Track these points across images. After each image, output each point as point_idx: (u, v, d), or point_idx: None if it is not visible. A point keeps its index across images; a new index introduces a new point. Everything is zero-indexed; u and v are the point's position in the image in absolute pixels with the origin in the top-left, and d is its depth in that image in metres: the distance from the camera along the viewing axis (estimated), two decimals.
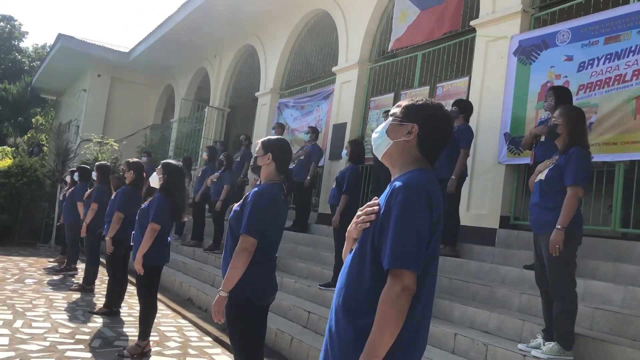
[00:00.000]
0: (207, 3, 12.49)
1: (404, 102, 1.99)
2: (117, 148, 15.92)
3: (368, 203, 1.87)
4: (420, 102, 1.95)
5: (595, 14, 5.87)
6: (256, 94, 13.13)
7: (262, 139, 3.33)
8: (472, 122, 6.40)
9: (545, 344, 3.83)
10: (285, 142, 3.40)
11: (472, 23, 7.34)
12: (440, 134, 1.94)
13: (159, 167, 5.01)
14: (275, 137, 3.42)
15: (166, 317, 6.64)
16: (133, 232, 5.03)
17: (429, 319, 1.86)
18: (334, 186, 6.81)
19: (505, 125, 6.57)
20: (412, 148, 1.91)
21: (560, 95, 5.03)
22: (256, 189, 3.14)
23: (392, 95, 8.78)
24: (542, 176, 4.04)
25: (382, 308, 1.68)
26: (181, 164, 5.36)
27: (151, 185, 5.10)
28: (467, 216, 6.66)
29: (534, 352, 3.84)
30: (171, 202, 4.89)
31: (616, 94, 5.49)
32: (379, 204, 1.82)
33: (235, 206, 3.19)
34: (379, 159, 2.01)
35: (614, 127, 5.47)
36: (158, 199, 4.85)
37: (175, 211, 4.97)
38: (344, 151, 7.07)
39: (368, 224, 1.80)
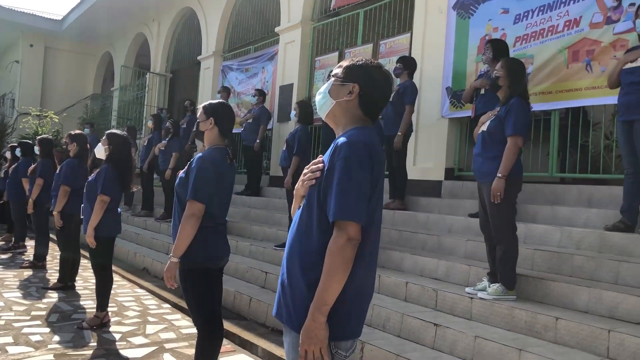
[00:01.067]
0: None
1: (344, 63, 2.04)
2: (57, 120, 15.38)
3: (313, 161, 1.95)
4: (360, 62, 2.01)
5: None
6: (198, 57, 12.86)
7: (203, 104, 3.30)
8: (416, 78, 6.51)
9: (490, 285, 4.06)
10: (227, 105, 3.39)
11: None
12: (380, 93, 2.01)
13: (104, 138, 4.92)
14: (217, 101, 3.39)
15: (123, 288, 6.63)
16: (82, 205, 4.97)
17: (374, 267, 1.96)
18: (284, 148, 6.83)
19: (447, 80, 6.72)
20: (353, 107, 1.97)
21: (497, 48, 5.18)
22: (200, 154, 3.14)
23: (336, 54, 8.78)
24: (484, 127, 4.16)
25: (329, 258, 1.77)
26: (126, 133, 5.27)
27: (97, 157, 5.02)
28: (414, 170, 6.84)
29: (480, 294, 4.06)
30: (119, 172, 4.84)
31: (550, 45, 5.70)
32: (323, 162, 1.89)
33: (181, 173, 3.19)
34: (323, 118, 2.07)
35: (549, 76, 5.69)
36: (105, 170, 4.79)
37: (124, 181, 4.93)
38: (293, 112, 7.08)
39: (314, 181, 1.88)
